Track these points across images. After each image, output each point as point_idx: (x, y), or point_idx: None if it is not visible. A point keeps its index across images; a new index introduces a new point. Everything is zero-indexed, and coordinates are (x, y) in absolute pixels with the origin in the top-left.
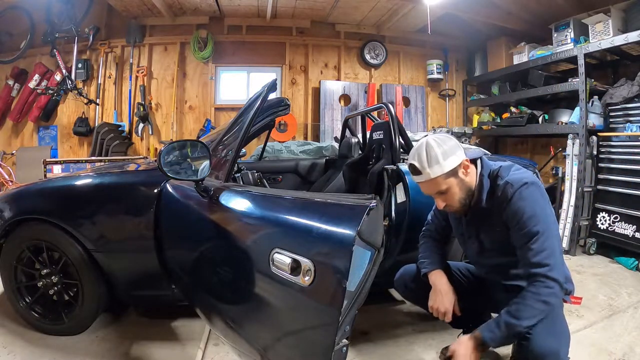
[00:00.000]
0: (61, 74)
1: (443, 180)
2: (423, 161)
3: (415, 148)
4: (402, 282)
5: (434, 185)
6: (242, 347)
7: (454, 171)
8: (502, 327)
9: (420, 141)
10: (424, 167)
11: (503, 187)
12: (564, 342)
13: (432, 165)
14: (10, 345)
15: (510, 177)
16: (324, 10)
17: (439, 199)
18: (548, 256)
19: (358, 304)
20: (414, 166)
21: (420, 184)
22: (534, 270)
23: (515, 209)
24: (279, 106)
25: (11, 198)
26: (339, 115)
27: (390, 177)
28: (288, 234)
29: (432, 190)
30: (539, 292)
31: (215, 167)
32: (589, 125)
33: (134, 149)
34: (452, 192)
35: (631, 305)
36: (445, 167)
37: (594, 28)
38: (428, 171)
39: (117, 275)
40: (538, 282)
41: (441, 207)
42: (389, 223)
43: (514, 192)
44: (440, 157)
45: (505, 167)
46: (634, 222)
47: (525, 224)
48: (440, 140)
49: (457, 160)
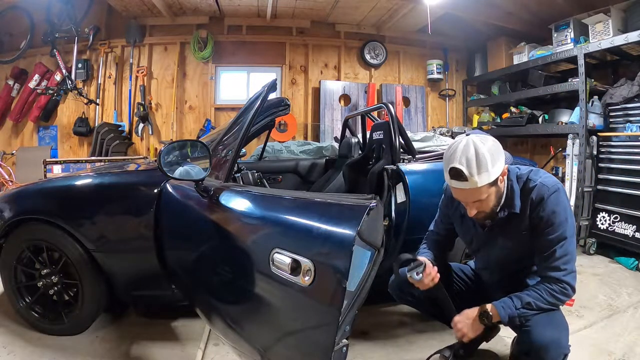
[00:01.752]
0: (61, 74)
1: (486, 189)
2: (472, 167)
3: (461, 150)
4: (397, 285)
5: (476, 193)
6: (242, 347)
7: (497, 179)
8: (518, 308)
9: (464, 141)
10: (472, 174)
11: (538, 190)
12: (564, 331)
13: (481, 172)
14: (10, 345)
15: (544, 180)
16: (324, 10)
17: (474, 206)
18: (569, 261)
19: (358, 304)
20: (459, 171)
21: (457, 190)
22: (555, 273)
23: (550, 213)
24: (279, 106)
25: (11, 198)
26: (339, 115)
27: (390, 177)
28: (288, 234)
29: (471, 198)
30: (555, 289)
31: (215, 167)
32: (589, 125)
33: (134, 149)
34: (489, 200)
35: (631, 305)
36: (492, 175)
37: (594, 28)
38: (476, 179)
39: (117, 275)
40: (556, 283)
41: (472, 215)
42: (389, 223)
43: (550, 195)
44: (489, 164)
45: (535, 171)
46: (634, 222)
47: (556, 229)
48: (487, 142)
49: (501, 167)
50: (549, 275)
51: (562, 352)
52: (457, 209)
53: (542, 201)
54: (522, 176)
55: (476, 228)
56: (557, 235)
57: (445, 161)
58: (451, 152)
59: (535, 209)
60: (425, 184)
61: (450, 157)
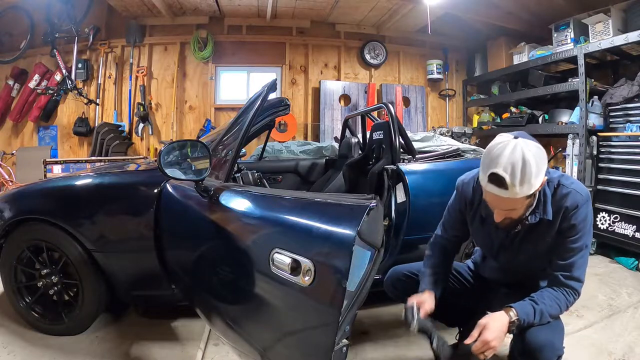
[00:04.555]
0: (61, 74)
1: (523, 201)
2: (516, 177)
3: (507, 155)
4: (391, 283)
5: (512, 203)
6: (242, 347)
7: (537, 191)
8: (536, 315)
9: (512, 145)
10: (514, 184)
11: (573, 196)
12: (558, 333)
13: (524, 184)
14: (10, 345)
15: (577, 187)
16: (324, 10)
17: (503, 214)
18: (584, 273)
19: (358, 304)
20: (502, 179)
21: (493, 195)
22: (573, 283)
23: (581, 221)
24: (279, 106)
25: (11, 198)
26: (339, 115)
27: (390, 177)
28: (288, 234)
29: (505, 207)
30: (570, 301)
31: (215, 167)
32: (589, 125)
33: (134, 149)
34: (520, 210)
35: (631, 305)
36: (534, 187)
37: (594, 28)
38: (517, 190)
39: (117, 275)
40: (569, 291)
41: (499, 221)
42: (389, 223)
43: (584, 203)
44: (533, 176)
45: (566, 176)
46: (634, 222)
47: (581, 238)
48: (534, 151)
49: (543, 178)
50: (567, 283)
51: (556, 353)
52: (476, 211)
53: (576, 209)
54: (553, 180)
55: (498, 233)
56: (580, 244)
57: (485, 162)
58: (496, 154)
59: (567, 217)
60: (425, 184)
61: (493, 160)
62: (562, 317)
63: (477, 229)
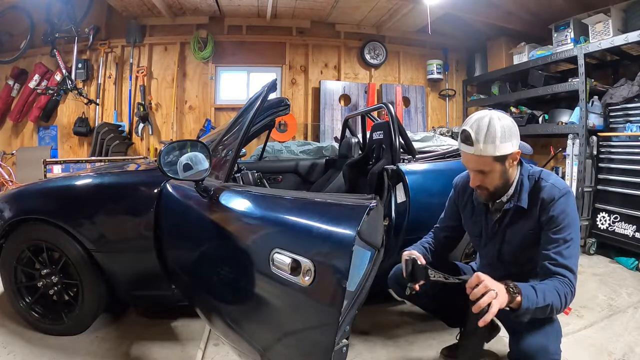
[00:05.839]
0: (61, 74)
1: (490, 162)
2: (480, 134)
3: (477, 117)
4: (395, 279)
5: (478, 162)
6: (242, 347)
7: (503, 157)
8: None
9: (485, 112)
10: (477, 139)
11: (550, 189)
12: (553, 337)
13: (487, 142)
14: (10, 345)
15: (555, 181)
16: (324, 10)
17: (477, 177)
18: (574, 264)
19: (358, 304)
20: (467, 134)
21: (464, 153)
22: (564, 271)
23: (559, 212)
24: (279, 106)
25: (11, 198)
26: (339, 115)
27: (390, 177)
28: (288, 234)
29: (474, 166)
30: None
31: (215, 167)
32: (589, 125)
33: (134, 149)
34: (492, 177)
35: (631, 305)
36: (499, 150)
37: (594, 28)
38: (480, 146)
39: (117, 275)
40: (561, 279)
41: (474, 185)
42: (389, 223)
43: (561, 196)
44: (498, 138)
45: (547, 172)
46: (634, 222)
47: (564, 229)
48: (504, 121)
49: (511, 149)
50: (559, 272)
51: (550, 358)
52: (468, 200)
53: (552, 201)
54: (534, 174)
55: (487, 220)
56: (564, 235)
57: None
58: (468, 118)
59: (545, 209)
60: (425, 184)
61: (465, 122)
62: (562, 318)
63: (469, 219)
